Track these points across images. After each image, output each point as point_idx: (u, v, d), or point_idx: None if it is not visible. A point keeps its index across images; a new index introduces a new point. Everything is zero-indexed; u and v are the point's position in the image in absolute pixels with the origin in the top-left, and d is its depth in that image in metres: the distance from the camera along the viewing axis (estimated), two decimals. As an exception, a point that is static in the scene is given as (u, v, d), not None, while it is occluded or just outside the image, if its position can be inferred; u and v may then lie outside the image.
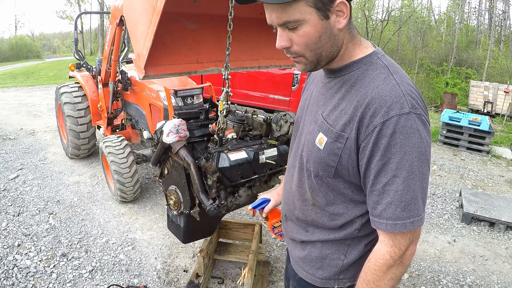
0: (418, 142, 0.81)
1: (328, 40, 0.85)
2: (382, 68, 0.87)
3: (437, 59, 20.66)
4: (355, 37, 0.91)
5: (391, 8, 18.91)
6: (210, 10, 1.89)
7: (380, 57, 0.90)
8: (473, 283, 2.68)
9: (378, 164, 0.83)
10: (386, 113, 0.80)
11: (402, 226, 0.84)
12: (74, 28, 4.74)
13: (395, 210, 0.83)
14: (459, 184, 4.55)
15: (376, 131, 0.81)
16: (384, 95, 0.82)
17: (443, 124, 6.23)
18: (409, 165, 0.81)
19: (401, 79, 0.85)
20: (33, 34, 49.02)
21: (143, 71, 1.65)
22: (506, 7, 23.15)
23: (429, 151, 0.85)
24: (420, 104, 0.83)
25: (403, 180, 0.81)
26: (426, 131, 0.83)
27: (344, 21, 0.83)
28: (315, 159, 0.96)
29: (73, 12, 30.50)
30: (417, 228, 0.85)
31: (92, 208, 3.53)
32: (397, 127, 0.79)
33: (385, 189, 0.84)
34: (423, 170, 0.83)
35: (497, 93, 11.18)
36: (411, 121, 0.80)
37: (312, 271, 1.09)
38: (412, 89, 0.85)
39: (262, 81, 6.22)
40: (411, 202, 0.83)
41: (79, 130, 4.23)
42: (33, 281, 2.49)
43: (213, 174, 1.82)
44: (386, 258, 0.88)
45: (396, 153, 0.80)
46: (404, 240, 0.86)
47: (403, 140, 0.80)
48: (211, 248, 2.50)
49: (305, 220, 1.09)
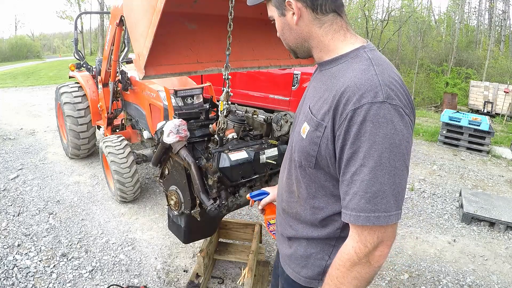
0: (391, 133, 0.78)
1: (289, 33, 1.00)
2: (365, 60, 0.88)
3: (437, 59, 20.67)
4: (336, 32, 0.95)
5: (391, 8, 18.92)
6: (210, 10, 1.89)
7: (367, 51, 0.92)
8: (473, 283, 2.68)
9: (348, 153, 0.82)
10: (358, 100, 0.80)
11: (365, 219, 0.80)
12: (74, 28, 4.74)
13: (359, 201, 0.81)
14: (459, 184, 4.55)
15: (348, 118, 0.81)
16: (358, 84, 0.82)
17: (443, 124, 6.23)
18: (378, 155, 0.78)
19: (382, 70, 0.85)
20: (33, 34, 49.04)
21: (143, 71, 1.65)
22: (506, 7, 23.16)
23: (405, 145, 0.81)
24: (400, 97, 0.82)
25: (369, 170, 0.79)
26: (403, 123, 0.80)
27: (295, 18, 0.94)
28: (299, 149, 0.98)
29: (73, 12, 30.51)
30: (383, 224, 0.80)
31: (92, 208, 3.53)
32: (368, 115, 0.78)
33: (353, 179, 0.82)
34: (395, 164, 0.79)
35: (497, 93, 11.19)
36: (384, 110, 0.78)
37: (298, 269, 1.10)
38: (393, 81, 0.83)
39: (262, 81, 6.22)
40: (377, 195, 0.79)
41: (79, 130, 4.22)
42: (33, 281, 2.49)
43: (213, 174, 1.82)
44: (350, 253, 0.85)
45: (365, 141, 0.79)
46: (371, 237, 0.82)
47: (372, 129, 0.78)
48: (211, 248, 2.50)
49: (290, 212, 1.10)
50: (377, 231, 0.82)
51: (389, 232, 0.83)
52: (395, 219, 0.81)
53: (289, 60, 2.45)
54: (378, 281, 2.64)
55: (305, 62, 2.45)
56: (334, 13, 0.94)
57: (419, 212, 3.74)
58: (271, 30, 1.01)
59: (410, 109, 0.85)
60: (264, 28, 2.19)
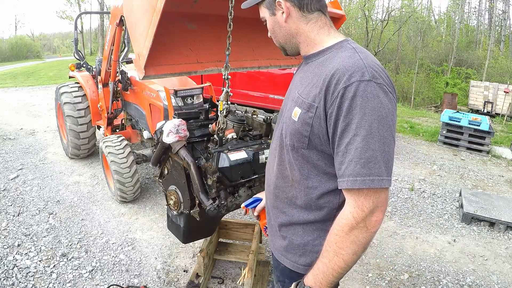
0: (378, 107, 0.88)
1: (279, 31, 1.10)
2: (350, 49, 0.99)
3: (437, 59, 20.66)
4: (321, 28, 1.07)
5: (391, 8, 18.91)
6: (210, 10, 1.89)
7: (350, 43, 1.03)
8: (473, 283, 2.68)
9: (341, 126, 0.91)
10: (348, 79, 0.90)
11: (361, 183, 0.87)
12: (74, 28, 4.74)
13: (355, 166, 0.88)
14: (459, 184, 4.55)
15: (339, 95, 0.90)
16: (347, 66, 0.92)
17: (443, 124, 6.23)
18: (368, 125, 0.87)
19: (365, 56, 0.96)
20: (33, 34, 49.03)
21: (143, 71, 1.65)
22: (506, 7, 23.15)
23: (391, 118, 0.91)
24: (383, 77, 0.93)
25: (362, 138, 0.87)
26: (388, 99, 0.91)
27: (285, 16, 1.05)
28: (291, 132, 1.04)
29: (73, 12, 30.52)
30: (377, 187, 0.88)
31: (92, 208, 3.53)
32: (357, 91, 0.88)
33: (347, 148, 0.90)
34: (384, 134, 0.89)
35: (497, 93, 11.19)
36: (371, 87, 0.89)
37: (295, 259, 1.13)
38: (375, 64, 0.94)
39: (262, 81, 6.21)
40: (371, 160, 0.87)
41: (79, 130, 4.23)
42: (33, 281, 2.49)
43: (213, 174, 1.82)
44: (348, 218, 0.91)
45: (356, 114, 0.88)
46: (367, 201, 0.89)
47: (362, 103, 0.88)
48: (211, 248, 2.50)
49: (284, 198, 1.14)
50: (372, 196, 0.89)
51: (382, 198, 0.91)
52: (387, 183, 0.89)
53: (289, 60, 2.45)
54: (378, 281, 2.65)
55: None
56: (319, 11, 1.06)
57: (419, 212, 3.74)
58: (271, 30, 1.06)
59: (392, 88, 0.95)
60: (264, 28, 2.18)
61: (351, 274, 2.69)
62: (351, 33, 18.65)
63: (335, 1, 2.30)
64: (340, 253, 0.92)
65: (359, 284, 2.61)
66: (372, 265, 2.83)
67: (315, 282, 0.97)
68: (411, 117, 9.18)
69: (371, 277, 2.69)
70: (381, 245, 3.10)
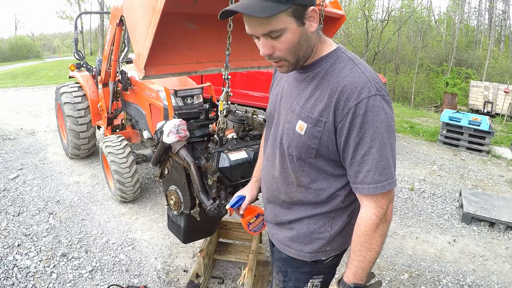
0: (385, 118, 0.98)
1: (305, 42, 1.00)
2: (347, 60, 1.03)
3: (437, 59, 20.66)
4: (322, 36, 1.08)
5: (391, 8, 18.90)
6: (210, 10, 1.89)
7: (344, 51, 1.06)
8: (473, 283, 2.68)
9: (356, 140, 0.99)
10: (357, 96, 0.96)
11: (381, 188, 1.00)
12: (74, 28, 4.74)
13: (374, 175, 1.00)
14: (459, 184, 4.55)
15: (351, 112, 0.97)
16: (354, 82, 0.98)
17: (443, 124, 6.23)
18: (381, 137, 0.97)
19: (364, 68, 1.02)
20: (33, 34, 49.02)
21: (143, 71, 1.65)
22: (506, 7, 23.15)
23: (393, 124, 1.02)
24: (383, 87, 1.01)
25: (377, 150, 0.98)
26: (390, 108, 1.01)
27: (315, 25, 0.99)
28: (297, 144, 1.10)
29: (73, 12, 30.50)
30: (393, 188, 1.02)
31: (92, 208, 3.53)
32: (367, 107, 0.96)
33: (364, 159, 1.00)
34: (391, 141, 1.00)
35: (497, 93, 11.18)
36: (377, 101, 0.97)
37: (301, 247, 1.22)
38: (374, 75, 1.01)
39: (262, 81, 6.22)
40: (386, 167, 1.00)
41: (79, 130, 4.23)
42: (33, 281, 2.49)
43: (213, 174, 1.82)
44: (373, 219, 1.03)
45: (369, 128, 0.97)
46: (384, 200, 1.03)
47: (373, 117, 0.96)
48: (211, 248, 2.50)
49: (291, 201, 1.21)
50: (387, 195, 1.03)
51: (392, 192, 1.05)
52: (396, 182, 1.04)
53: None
54: (378, 281, 2.65)
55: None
56: None
57: (419, 212, 3.74)
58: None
59: (388, 94, 1.03)
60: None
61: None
62: (351, 33, 18.65)
63: (335, 1, 2.31)
64: (372, 248, 1.04)
65: (359, 284, 2.60)
66: (372, 265, 2.83)
67: (357, 277, 1.08)
68: (411, 117, 9.18)
69: (371, 277, 2.69)
70: (381, 245, 3.10)
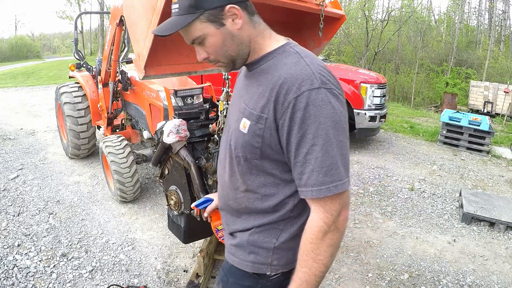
0: (331, 113, 0.88)
1: (232, 41, 0.96)
2: (294, 54, 0.96)
3: (437, 59, 20.65)
4: (264, 31, 1.01)
5: (391, 8, 18.90)
6: (210, 10, 1.89)
7: (293, 46, 0.99)
8: (473, 283, 2.68)
9: (297, 137, 0.90)
10: (298, 89, 0.88)
11: (326, 190, 0.89)
12: (74, 28, 4.74)
13: (317, 176, 0.89)
14: (459, 184, 4.55)
15: (291, 106, 0.89)
16: (295, 75, 0.90)
17: (443, 124, 6.23)
18: (325, 133, 0.88)
19: (311, 61, 0.93)
20: (33, 34, 49.03)
21: (143, 71, 1.64)
22: (506, 7, 23.16)
23: (344, 120, 0.92)
24: (331, 81, 0.92)
25: (320, 147, 0.88)
26: (339, 103, 0.91)
27: (240, 21, 0.94)
28: (242, 144, 1.01)
29: (73, 12, 30.53)
30: (341, 191, 0.90)
31: (92, 208, 3.53)
32: (309, 100, 0.87)
33: (306, 159, 0.90)
34: (340, 138, 0.90)
35: (497, 93, 11.18)
36: (321, 94, 0.88)
37: (244, 256, 1.10)
38: (322, 69, 0.93)
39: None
40: (332, 167, 0.89)
41: (79, 130, 4.23)
42: (33, 281, 2.49)
43: (213, 174, 1.82)
44: (320, 225, 0.92)
45: (311, 124, 0.88)
46: (333, 205, 0.91)
47: (316, 111, 0.87)
48: (211, 248, 2.50)
49: (239, 208, 1.12)
50: (337, 199, 0.91)
51: (345, 198, 0.94)
52: (347, 185, 0.92)
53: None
54: (378, 281, 2.65)
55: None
56: (257, 14, 1.00)
57: (419, 212, 3.74)
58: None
59: (341, 90, 0.95)
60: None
61: (351, 274, 2.69)
62: (351, 33, 18.64)
63: (335, 1, 2.30)
64: (319, 258, 0.94)
65: (359, 284, 2.61)
66: (372, 265, 2.83)
67: None
68: (411, 117, 9.18)
69: (371, 277, 2.69)
70: (381, 245, 3.10)
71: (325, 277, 2.73)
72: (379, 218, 3.59)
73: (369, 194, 4.12)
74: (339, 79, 4.61)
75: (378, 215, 3.64)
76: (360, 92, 5.40)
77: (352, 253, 2.97)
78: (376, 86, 5.47)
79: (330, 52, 18.16)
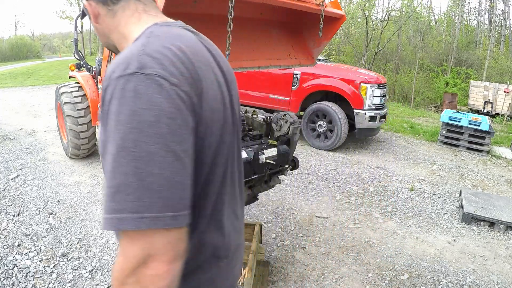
0: (141, 109, 0.60)
1: (97, 33, 0.92)
2: (145, 35, 0.72)
3: (437, 59, 20.65)
4: (130, 17, 0.83)
5: (391, 8, 18.90)
6: (210, 10, 1.89)
7: (158, 26, 0.75)
8: (473, 283, 2.68)
9: (101, 140, 0.67)
10: (108, 77, 0.64)
11: (108, 224, 0.59)
12: (74, 28, 4.74)
13: (105, 200, 0.61)
14: (459, 184, 4.55)
15: (100, 101, 0.67)
16: (116, 61, 0.66)
17: (443, 124, 6.24)
18: (120, 138, 0.59)
19: (157, 40, 0.69)
20: (33, 34, 49.06)
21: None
22: (506, 7, 23.16)
23: (167, 123, 0.61)
24: (166, 64, 0.64)
25: (112, 158, 0.60)
26: (163, 96, 0.61)
27: (95, 15, 0.87)
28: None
29: (73, 12, 30.52)
30: (129, 229, 0.58)
31: (92, 208, 3.53)
32: (114, 92, 0.62)
33: (104, 171, 0.65)
34: (148, 148, 0.59)
35: (497, 93, 11.18)
36: (132, 83, 0.61)
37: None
38: (163, 49, 0.66)
39: (262, 81, 6.22)
40: (120, 190, 0.58)
41: (79, 130, 4.23)
42: (33, 281, 2.49)
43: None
44: (116, 269, 0.62)
45: (110, 123, 0.62)
46: (131, 248, 0.59)
47: (118, 107, 0.61)
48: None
49: None
50: (138, 241, 0.59)
51: (159, 243, 0.60)
52: (154, 223, 0.58)
53: (289, 60, 2.45)
54: (378, 281, 2.65)
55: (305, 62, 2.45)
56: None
57: (419, 212, 3.74)
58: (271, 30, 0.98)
59: (188, 79, 0.67)
60: (264, 28, 2.19)
61: (351, 274, 2.69)
62: (351, 33, 18.65)
63: (335, 1, 2.30)
64: None
65: (359, 284, 2.61)
66: (372, 265, 2.83)
67: None
68: (411, 117, 9.18)
69: (371, 277, 2.69)
70: (381, 245, 3.10)
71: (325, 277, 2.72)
72: (379, 218, 3.59)
73: (369, 194, 4.12)
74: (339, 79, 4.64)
75: (378, 215, 3.64)
76: (360, 92, 5.41)
77: (352, 253, 2.97)
78: (376, 86, 5.48)
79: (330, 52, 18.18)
